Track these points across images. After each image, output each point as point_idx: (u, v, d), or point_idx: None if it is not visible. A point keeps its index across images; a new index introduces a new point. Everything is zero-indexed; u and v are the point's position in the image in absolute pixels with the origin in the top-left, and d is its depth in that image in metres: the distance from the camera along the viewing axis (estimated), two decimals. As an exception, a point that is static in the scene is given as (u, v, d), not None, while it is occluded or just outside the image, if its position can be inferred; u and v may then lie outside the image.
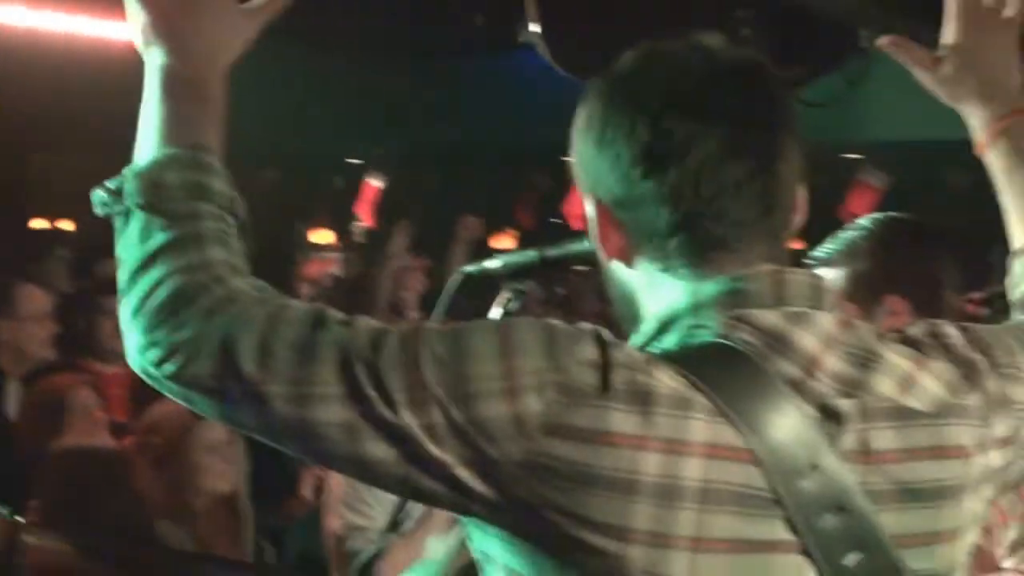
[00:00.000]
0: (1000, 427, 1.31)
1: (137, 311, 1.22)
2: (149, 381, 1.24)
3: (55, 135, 8.17)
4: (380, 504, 3.29)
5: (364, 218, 8.12)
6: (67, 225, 9.85)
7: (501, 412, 1.16)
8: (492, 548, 1.22)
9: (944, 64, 1.58)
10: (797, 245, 1.44)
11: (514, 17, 5.49)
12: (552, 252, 1.76)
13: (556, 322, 1.21)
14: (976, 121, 1.60)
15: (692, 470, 1.15)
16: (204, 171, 1.29)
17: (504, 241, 8.69)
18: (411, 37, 7.75)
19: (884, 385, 1.24)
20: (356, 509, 3.32)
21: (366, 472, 1.19)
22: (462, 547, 2.01)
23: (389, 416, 1.15)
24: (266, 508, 4.21)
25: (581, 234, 1.72)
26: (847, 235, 2.12)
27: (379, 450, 1.16)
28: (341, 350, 1.17)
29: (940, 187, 8.17)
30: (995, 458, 1.31)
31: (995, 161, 1.59)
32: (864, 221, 2.16)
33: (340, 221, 8.81)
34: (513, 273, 1.81)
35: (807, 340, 1.23)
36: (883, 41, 1.65)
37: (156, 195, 1.26)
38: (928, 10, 1.94)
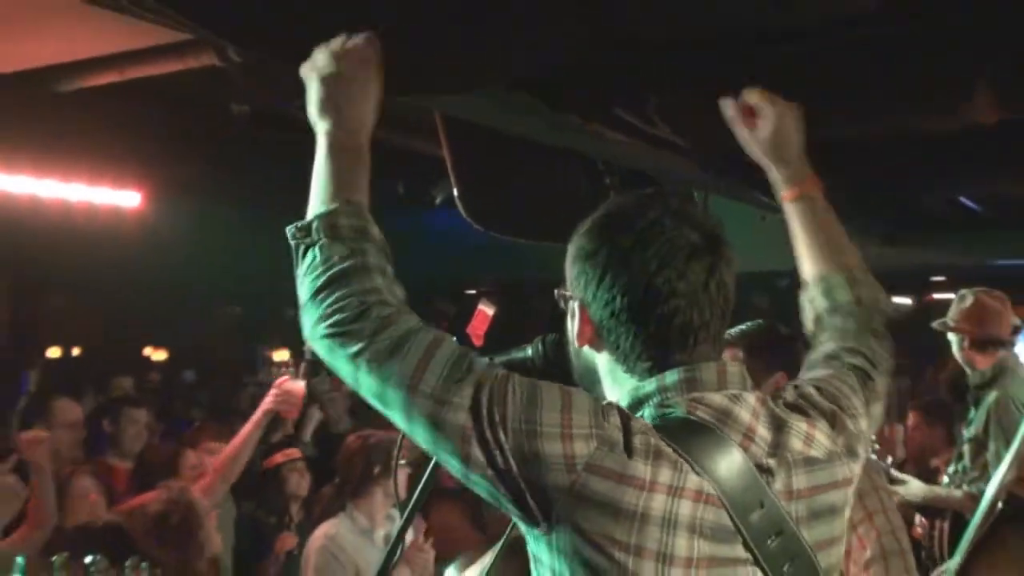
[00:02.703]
0: (862, 453, 1.66)
1: (323, 315, 1.51)
2: (329, 359, 1.53)
3: (64, 282, 9.06)
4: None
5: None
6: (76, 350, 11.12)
7: (557, 449, 1.41)
8: (542, 553, 1.47)
9: (758, 128, 1.93)
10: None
11: (427, 185, 6.38)
12: (498, 358, 1.89)
13: (596, 396, 1.51)
14: (775, 177, 1.95)
15: (685, 509, 1.42)
16: (366, 220, 1.60)
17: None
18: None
19: (796, 444, 1.56)
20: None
21: (468, 469, 1.44)
22: None
23: (489, 433, 1.42)
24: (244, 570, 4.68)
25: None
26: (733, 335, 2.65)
27: (478, 454, 1.42)
28: (476, 376, 1.45)
29: (748, 306, 9.51)
30: (857, 477, 1.65)
31: (791, 215, 1.94)
32: (741, 327, 2.79)
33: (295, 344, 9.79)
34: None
35: (744, 414, 1.52)
36: (724, 103, 1.96)
37: (334, 234, 1.56)
38: (747, 175, 2.51)
